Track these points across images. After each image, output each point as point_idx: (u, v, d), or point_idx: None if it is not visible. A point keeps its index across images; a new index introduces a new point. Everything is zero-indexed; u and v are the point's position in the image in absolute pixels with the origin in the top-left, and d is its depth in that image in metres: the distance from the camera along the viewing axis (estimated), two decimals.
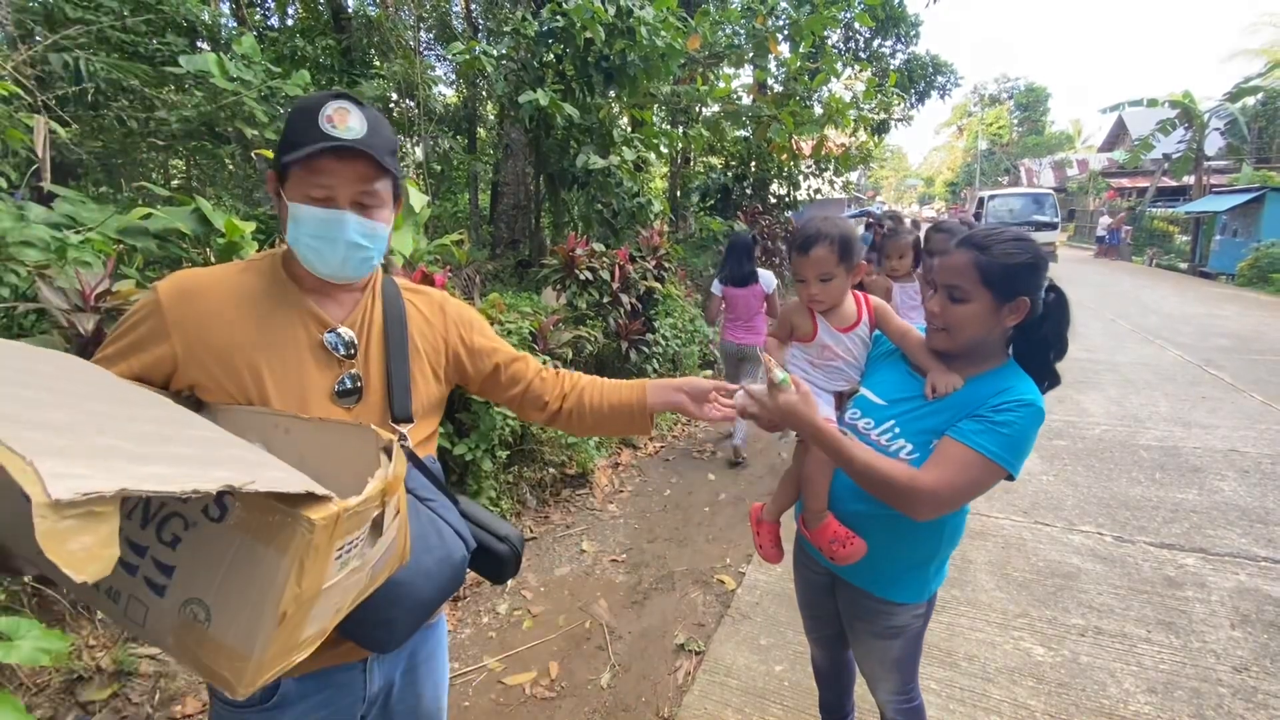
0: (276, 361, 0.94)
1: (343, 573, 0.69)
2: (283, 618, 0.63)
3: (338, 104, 0.91)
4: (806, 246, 1.46)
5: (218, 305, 0.93)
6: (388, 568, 0.82)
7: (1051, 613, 2.62)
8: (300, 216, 0.93)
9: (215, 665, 0.64)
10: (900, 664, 1.47)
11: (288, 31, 9.09)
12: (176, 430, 0.68)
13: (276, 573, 0.63)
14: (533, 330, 3.83)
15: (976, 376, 1.26)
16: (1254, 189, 14.92)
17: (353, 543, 0.70)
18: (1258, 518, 3.37)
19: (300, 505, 0.63)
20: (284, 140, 0.92)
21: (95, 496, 0.43)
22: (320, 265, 0.96)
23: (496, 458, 3.28)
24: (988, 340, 1.26)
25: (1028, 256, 1.20)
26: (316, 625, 0.70)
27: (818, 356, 1.51)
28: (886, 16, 13.94)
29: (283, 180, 0.95)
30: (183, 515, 0.68)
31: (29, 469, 0.42)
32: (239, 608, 0.64)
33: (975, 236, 1.25)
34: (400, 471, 0.78)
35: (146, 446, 0.57)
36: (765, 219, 9.88)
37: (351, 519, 0.67)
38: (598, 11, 5.41)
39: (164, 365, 0.91)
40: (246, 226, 3.01)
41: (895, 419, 1.32)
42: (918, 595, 1.40)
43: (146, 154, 5.98)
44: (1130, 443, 4.49)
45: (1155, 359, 6.96)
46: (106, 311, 2.14)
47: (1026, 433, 1.17)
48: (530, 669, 2.41)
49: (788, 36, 8.74)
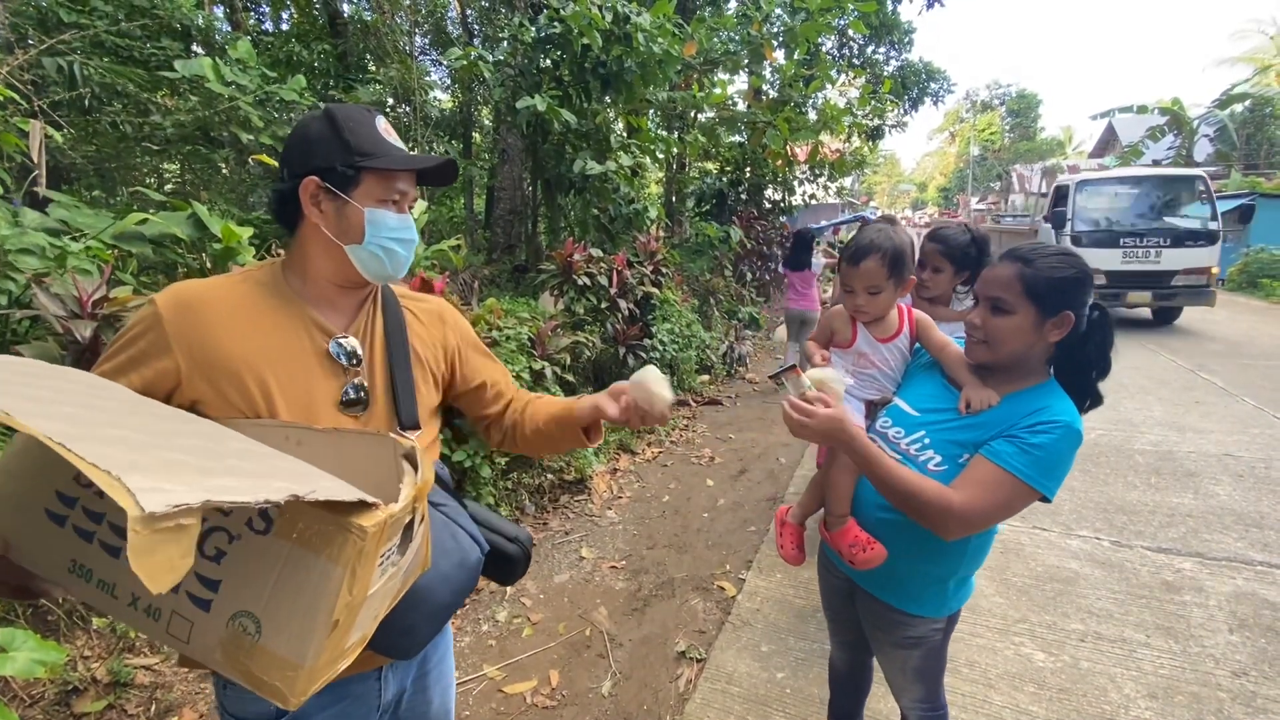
0: (282, 372, 0.93)
1: (383, 579, 0.70)
2: (335, 625, 0.64)
3: (381, 118, 0.99)
4: (857, 258, 1.44)
5: (220, 317, 0.92)
6: (413, 574, 0.83)
7: (1051, 618, 2.63)
8: (383, 221, 0.97)
9: (267, 676, 0.64)
10: (922, 673, 1.47)
11: (283, 36, 9.08)
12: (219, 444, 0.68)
13: (329, 580, 0.63)
14: (531, 336, 3.82)
15: (1014, 394, 1.24)
16: (1243, 195, 15.09)
17: (390, 549, 0.71)
18: (1253, 522, 3.39)
19: (350, 513, 0.64)
20: (350, 147, 0.94)
21: (184, 509, 0.44)
22: (390, 267, 1.01)
23: (495, 464, 3.27)
24: (1029, 356, 1.24)
25: (1074, 271, 1.19)
26: (360, 632, 0.71)
27: (854, 364, 1.50)
28: (880, 24, 14.03)
29: (342, 185, 0.95)
30: (226, 529, 0.68)
31: (117, 484, 0.43)
32: (290, 618, 0.64)
33: (1021, 249, 1.24)
34: (429, 477, 0.79)
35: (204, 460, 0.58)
36: (760, 224, 9.91)
37: (393, 525, 0.69)
38: (595, 18, 5.43)
39: (167, 380, 0.89)
40: (244, 231, 3.00)
41: (926, 429, 1.31)
42: (936, 610, 1.38)
43: (141, 158, 5.95)
44: (1125, 447, 4.52)
45: (1148, 364, 7.01)
46: (104, 318, 2.12)
47: (1062, 454, 1.15)
48: (531, 677, 2.39)
49: (783, 43, 8.80)
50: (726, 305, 8.29)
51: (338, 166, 0.93)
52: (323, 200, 0.95)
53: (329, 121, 0.95)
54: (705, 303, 7.71)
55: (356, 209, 0.95)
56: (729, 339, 7.30)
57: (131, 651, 2.20)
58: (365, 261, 0.98)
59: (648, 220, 6.36)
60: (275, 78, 5.24)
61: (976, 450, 1.22)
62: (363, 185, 0.95)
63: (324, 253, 0.98)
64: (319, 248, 0.98)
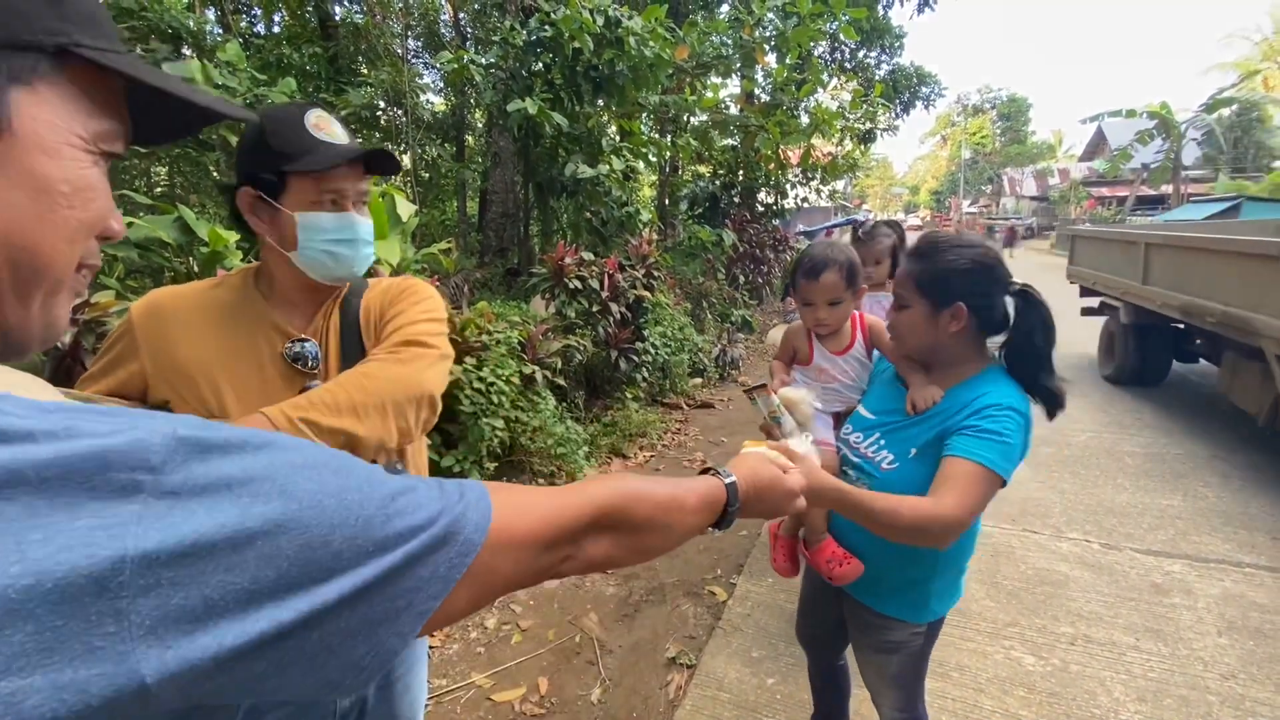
0: (238, 376, 0.95)
1: None
2: None
3: (317, 111, 0.94)
4: (816, 272, 1.49)
5: (183, 322, 0.95)
6: None
7: (1041, 621, 2.63)
8: (316, 224, 0.94)
9: None
10: (898, 680, 1.46)
11: (274, 39, 9.05)
12: None
13: None
14: (522, 340, 3.81)
15: (954, 386, 1.26)
16: (1230, 198, 15.22)
17: None
18: (1241, 524, 3.41)
19: None
20: (272, 152, 0.91)
21: None
22: (337, 269, 0.98)
23: (485, 469, 3.25)
24: (947, 348, 1.25)
25: (964, 263, 1.20)
26: None
27: (815, 379, 1.56)
28: (871, 28, 14.13)
29: (271, 192, 0.93)
30: None
31: None
32: None
33: (922, 244, 1.26)
34: None
35: None
36: (753, 227, 9.93)
37: None
38: (586, 22, 5.43)
39: (137, 382, 0.94)
40: (230, 235, 2.97)
41: (879, 431, 1.34)
42: (916, 615, 1.37)
43: (128, 161, 5.90)
44: (1115, 449, 4.54)
45: None
46: (85, 323, 2.09)
47: (1015, 436, 1.16)
48: (519, 685, 2.37)
49: (774, 47, 8.83)
50: (719, 308, 8.30)
51: (262, 174, 0.92)
52: (259, 209, 0.95)
53: (257, 128, 0.93)
54: (698, 306, 7.71)
55: (288, 215, 0.93)
56: (721, 342, 7.30)
57: None
58: (310, 266, 0.97)
59: (640, 223, 6.36)
60: (265, 80, 5.22)
61: (925, 445, 1.23)
62: (291, 190, 0.93)
63: (278, 259, 0.98)
64: (273, 254, 0.98)
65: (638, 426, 4.89)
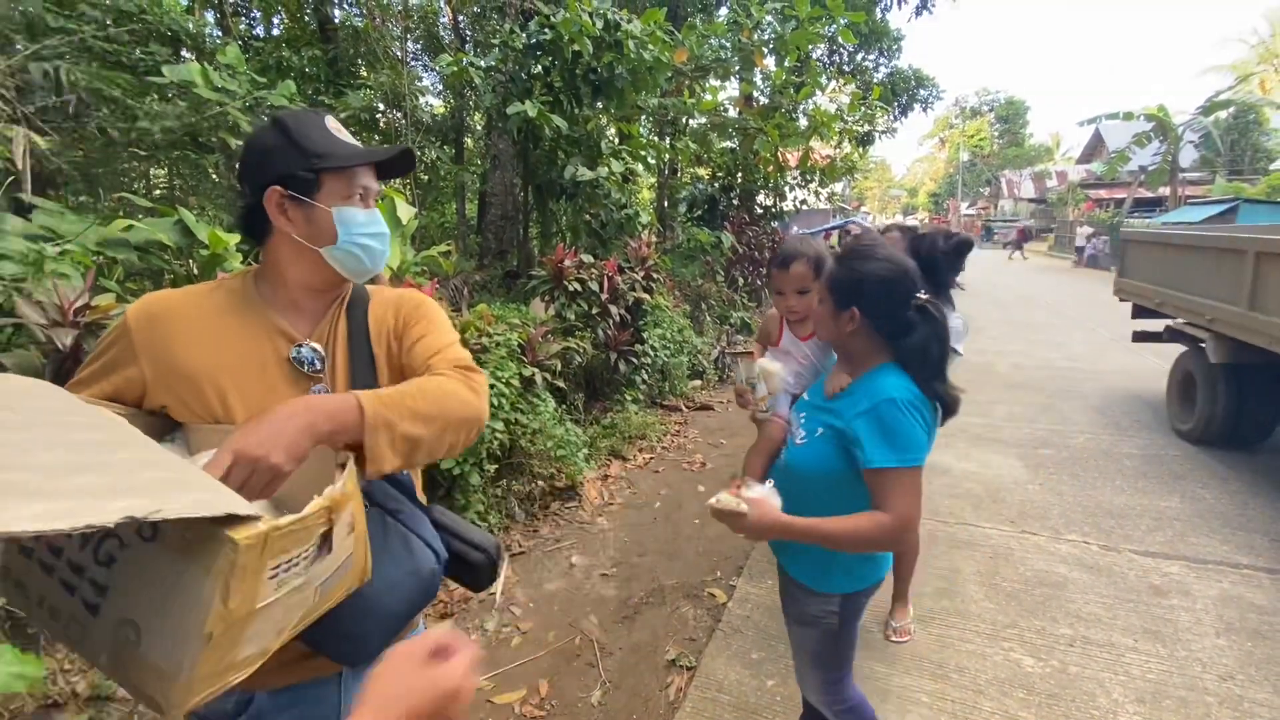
0: (243, 380, 0.95)
1: (281, 592, 0.68)
2: (208, 638, 0.62)
3: (329, 118, 0.99)
4: (786, 263, 1.71)
5: (184, 327, 0.94)
6: (344, 585, 0.82)
7: (1040, 623, 2.63)
8: (353, 218, 0.98)
9: (145, 686, 0.64)
10: (817, 660, 1.55)
11: (273, 41, 9.05)
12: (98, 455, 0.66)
13: (201, 592, 0.62)
14: (521, 342, 3.81)
15: (859, 377, 1.39)
16: (1227, 200, 15.26)
17: (293, 561, 0.69)
18: (1239, 525, 3.42)
19: (228, 525, 0.61)
20: (305, 151, 0.94)
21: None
22: (369, 262, 1.02)
23: (484, 471, 3.25)
24: (846, 343, 1.40)
25: (868, 274, 1.32)
26: (256, 645, 0.69)
27: (781, 360, 1.74)
28: (869, 31, 14.16)
29: (304, 190, 0.95)
30: (118, 535, 0.67)
31: None
32: (165, 628, 0.63)
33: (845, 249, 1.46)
34: (350, 488, 0.77)
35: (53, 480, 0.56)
36: (752, 229, 9.94)
37: (286, 538, 0.66)
38: (585, 25, 5.45)
39: (134, 387, 0.93)
40: (230, 238, 2.97)
41: (804, 410, 1.51)
42: (827, 585, 1.46)
43: (128, 164, 5.90)
44: (1113, 451, 4.55)
45: (1136, 367, 7.07)
46: (86, 326, 2.09)
47: (909, 426, 1.26)
48: (520, 687, 2.38)
49: (773, 50, 8.85)
50: (718, 310, 8.30)
51: (297, 172, 0.95)
52: (289, 208, 0.96)
53: (280, 130, 0.96)
54: (697, 308, 7.71)
55: (324, 211, 0.97)
56: (721, 344, 7.31)
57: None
58: (343, 261, 1.00)
59: (639, 226, 6.37)
60: (265, 83, 5.22)
61: (829, 427, 1.38)
62: (325, 187, 0.97)
63: (296, 259, 0.99)
64: (291, 254, 0.99)
65: (637, 429, 4.90)
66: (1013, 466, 4.30)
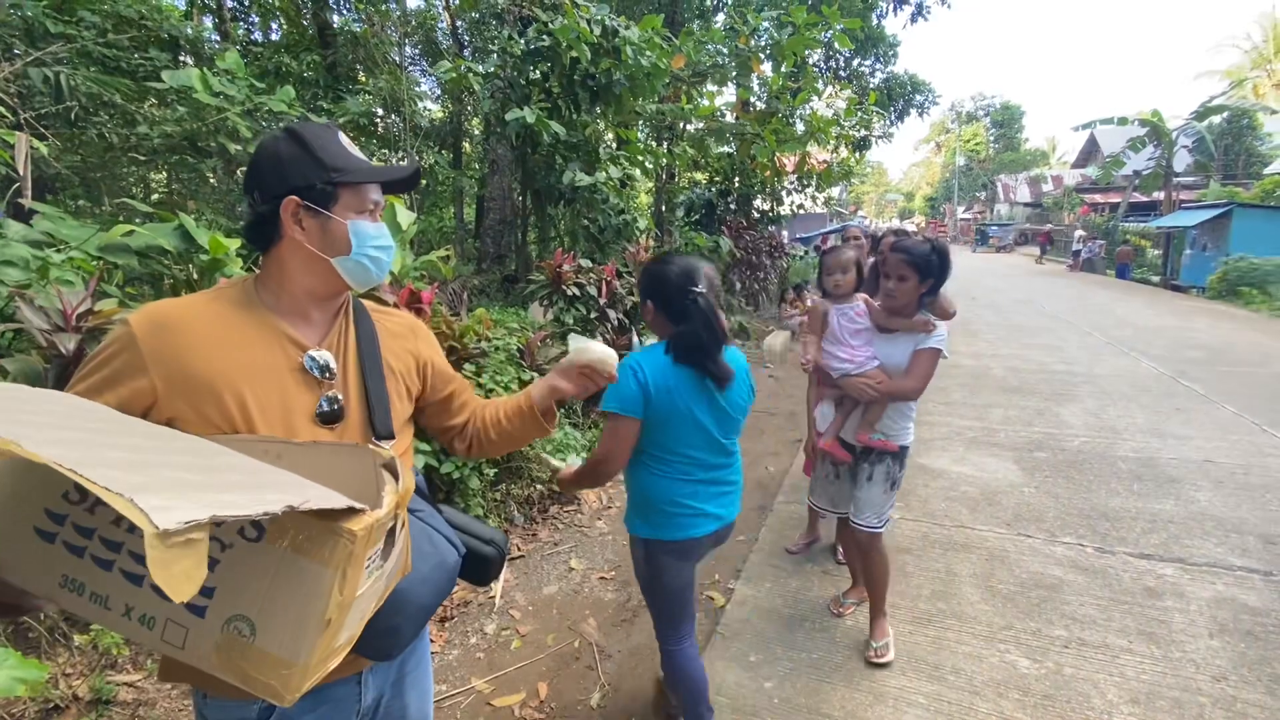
0: (259, 388, 0.95)
1: (369, 581, 0.75)
2: (327, 624, 0.68)
3: (340, 133, 1.02)
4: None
5: (196, 336, 0.93)
6: (395, 577, 0.87)
7: (1036, 624, 2.65)
8: (365, 231, 1.02)
9: (261, 675, 0.68)
10: (644, 593, 1.98)
11: (272, 47, 9.09)
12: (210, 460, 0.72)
13: (321, 583, 0.68)
14: (520, 346, 3.83)
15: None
16: (1221, 204, 15.38)
17: (376, 553, 0.75)
18: (1232, 527, 3.45)
19: (338, 519, 0.68)
20: (323, 164, 0.97)
21: (194, 524, 0.48)
22: (377, 272, 1.05)
23: (484, 475, 3.27)
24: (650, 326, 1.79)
25: (651, 273, 1.74)
26: (348, 632, 0.75)
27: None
28: (865, 37, 14.25)
29: (323, 202, 0.98)
30: (218, 538, 0.70)
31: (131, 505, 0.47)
32: (284, 619, 0.68)
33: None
34: (410, 484, 0.83)
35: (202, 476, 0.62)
36: (749, 234, 9.99)
37: (379, 530, 0.73)
38: (583, 32, 5.48)
39: (143, 399, 0.90)
40: (231, 243, 2.99)
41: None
42: (630, 524, 1.85)
43: (128, 169, 5.92)
44: (1108, 454, 4.58)
45: (1131, 371, 7.11)
46: (88, 331, 2.11)
47: (624, 382, 1.62)
48: (519, 690, 2.39)
49: (770, 56, 8.91)
50: None
51: (316, 184, 0.96)
52: (304, 218, 0.98)
53: (297, 141, 0.97)
54: None
55: (340, 223, 0.99)
56: None
57: (114, 669, 2.18)
58: (352, 271, 1.02)
59: (637, 230, 6.40)
60: (264, 88, 5.24)
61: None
62: (341, 200, 0.99)
63: (305, 267, 1.00)
64: (299, 263, 1.00)
65: None
66: (1008, 469, 4.32)
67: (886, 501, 2.42)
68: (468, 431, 1.30)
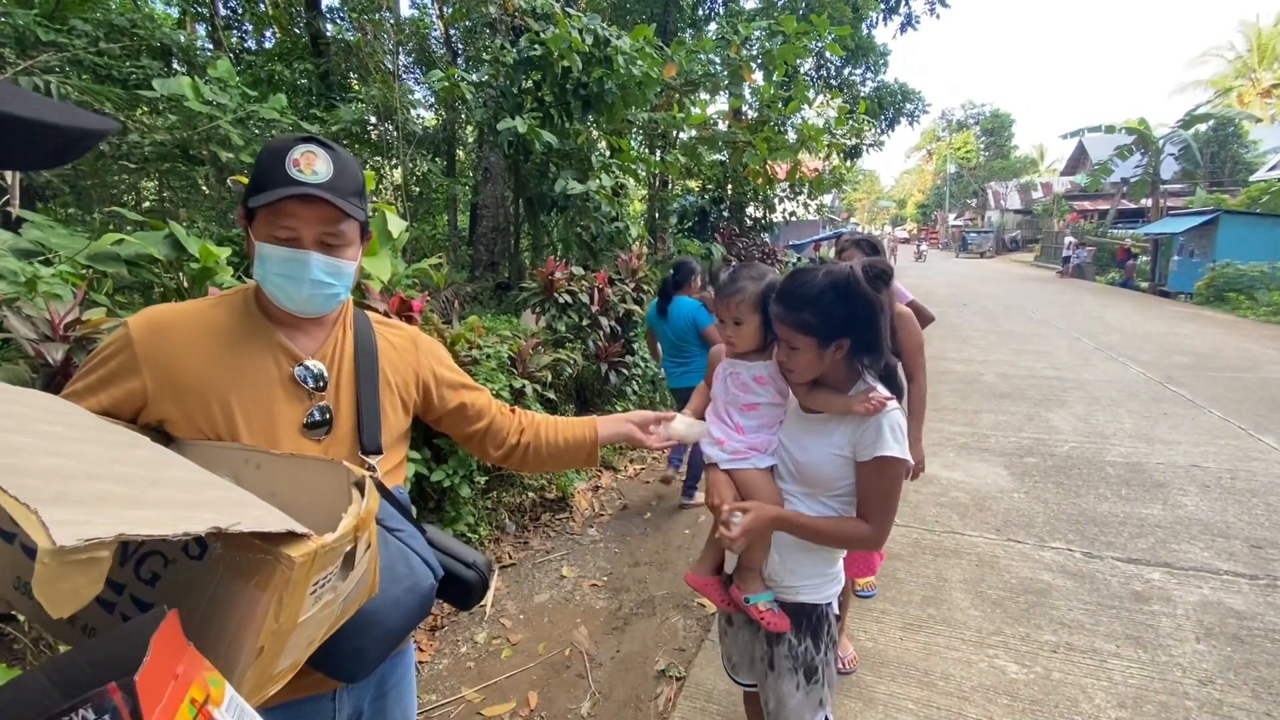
0: (247, 396, 0.95)
1: (316, 606, 0.71)
2: (260, 651, 0.64)
3: (305, 147, 0.94)
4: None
5: (189, 340, 0.95)
6: (357, 600, 0.84)
7: (1024, 630, 2.67)
8: (266, 255, 0.96)
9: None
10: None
11: (265, 55, 9.10)
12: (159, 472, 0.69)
13: (255, 608, 0.64)
14: (512, 354, 3.83)
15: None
16: (1208, 211, 15.57)
17: (327, 577, 0.71)
18: (1219, 531, 3.48)
19: (280, 543, 0.64)
20: (252, 182, 0.95)
21: (95, 542, 0.46)
22: (286, 301, 0.99)
23: (475, 483, 3.26)
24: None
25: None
26: (290, 658, 0.72)
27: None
28: (856, 46, 14.40)
29: (250, 219, 0.97)
30: (162, 553, 0.69)
31: (33, 517, 0.45)
32: (216, 643, 0.65)
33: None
34: (373, 507, 0.80)
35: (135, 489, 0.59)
36: (742, 241, 10.05)
37: (327, 555, 0.69)
38: (575, 41, 5.52)
39: (134, 400, 0.92)
40: (221, 252, 2.99)
41: None
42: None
43: (118, 176, 5.90)
44: (1097, 459, 4.61)
45: (1119, 376, 7.17)
46: (76, 341, 2.10)
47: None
48: (509, 699, 2.38)
49: (761, 65, 8.99)
50: None
51: (247, 202, 0.97)
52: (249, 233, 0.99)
53: (260, 156, 0.97)
54: None
55: (252, 243, 0.98)
56: None
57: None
58: (270, 294, 0.99)
59: (630, 238, 6.42)
60: (256, 96, 5.25)
61: None
62: (257, 220, 0.97)
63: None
64: None
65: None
66: (998, 475, 4.35)
67: (807, 705, 1.41)
68: (501, 439, 1.29)
